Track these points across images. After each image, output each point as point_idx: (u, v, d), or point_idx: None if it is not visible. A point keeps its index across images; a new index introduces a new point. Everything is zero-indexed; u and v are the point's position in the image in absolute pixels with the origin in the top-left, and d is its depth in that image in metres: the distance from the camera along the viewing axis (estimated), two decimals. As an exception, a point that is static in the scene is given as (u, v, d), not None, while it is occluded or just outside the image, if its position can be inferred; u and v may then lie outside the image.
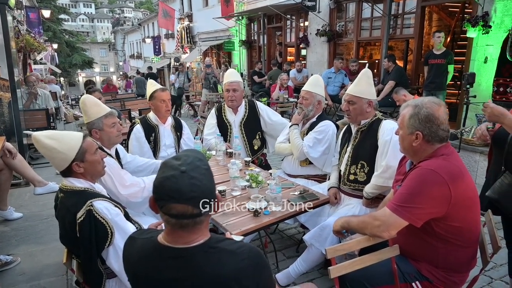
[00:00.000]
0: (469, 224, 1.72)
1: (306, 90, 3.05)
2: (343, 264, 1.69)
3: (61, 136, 1.79)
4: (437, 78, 5.87)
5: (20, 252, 3.08)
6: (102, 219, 1.69)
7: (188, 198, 1.10)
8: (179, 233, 1.16)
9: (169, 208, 1.11)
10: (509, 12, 4.98)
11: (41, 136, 1.75)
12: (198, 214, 1.13)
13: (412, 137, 1.74)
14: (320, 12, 9.21)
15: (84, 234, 1.67)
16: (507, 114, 1.85)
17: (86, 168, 1.82)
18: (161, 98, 3.20)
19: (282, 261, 2.96)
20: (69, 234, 1.72)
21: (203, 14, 17.11)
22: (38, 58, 13.50)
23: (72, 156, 1.77)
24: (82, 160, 1.80)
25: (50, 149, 1.75)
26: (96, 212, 1.68)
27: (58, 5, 30.55)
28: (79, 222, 1.66)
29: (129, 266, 1.28)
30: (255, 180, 2.44)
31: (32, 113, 6.00)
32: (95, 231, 1.68)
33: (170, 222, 1.14)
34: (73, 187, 1.79)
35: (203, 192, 1.13)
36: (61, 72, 26.77)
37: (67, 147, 1.76)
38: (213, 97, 9.69)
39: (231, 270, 1.13)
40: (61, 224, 1.79)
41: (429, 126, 1.70)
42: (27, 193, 4.37)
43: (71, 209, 1.70)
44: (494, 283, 2.70)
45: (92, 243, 1.68)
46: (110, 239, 1.70)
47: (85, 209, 1.67)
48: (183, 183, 1.09)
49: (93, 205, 1.69)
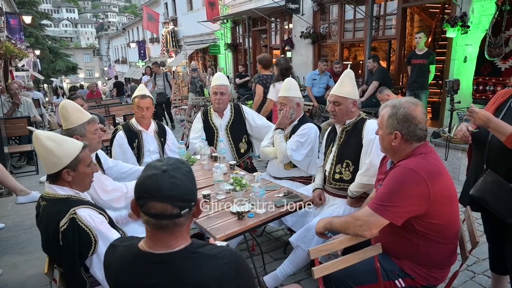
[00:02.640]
0: (449, 221, 1.76)
1: (283, 96, 3.07)
2: (326, 264, 1.71)
3: (62, 140, 1.78)
4: (420, 78, 5.98)
5: (2, 263, 3.02)
6: (85, 227, 1.67)
7: (167, 196, 1.10)
8: (159, 236, 1.16)
9: (149, 207, 1.11)
10: (486, 12, 5.11)
11: (43, 135, 1.74)
12: (178, 214, 1.13)
13: (391, 137, 1.78)
14: (304, 14, 9.29)
15: (67, 242, 1.65)
16: (492, 118, 1.89)
17: (75, 178, 1.79)
18: (137, 105, 3.23)
19: (270, 263, 2.97)
20: (52, 242, 1.70)
21: (188, 18, 17.08)
22: (19, 65, 13.26)
23: (65, 162, 1.75)
24: (74, 170, 1.78)
25: (46, 150, 1.73)
26: (79, 220, 1.66)
27: (40, 11, 30.11)
28: (62, 230, 1.65)
29: (110, 273, 1.27)
30: (239, 184, 2.45)
31: (13, 121, 5.88)
32: (79, 239, 1.66)
33: (150, 223, 1.14)
34: (56, 194, 1.76)
35: (183, 192, 1.13)
36: (44, 79, 26.33)
37: (63, 153, 1.75)
38: (199, 101, 9.67)
39: (212, 274, 1.13)
40: (44, 233, 1.76)
41: (407, 125, 1.74)
42: (9, 203, 4.29)
43: (54, 217, 1.68)
44: (477, 277, 2.76)
45: (75, 252, 1.66)
46: (93, 247, 1.68)
47: (68, 217, 1.66)
48: (163, 181, 1.11)
49: (76, 213, 1.67)
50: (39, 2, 35.58)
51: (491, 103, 2.16)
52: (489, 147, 2.01)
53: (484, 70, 5.05)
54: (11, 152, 5.43)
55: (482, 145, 2.06)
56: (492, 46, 4.79)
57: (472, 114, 1.93)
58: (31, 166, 5.89)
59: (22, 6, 23.36)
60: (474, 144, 2.15)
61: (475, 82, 5.16)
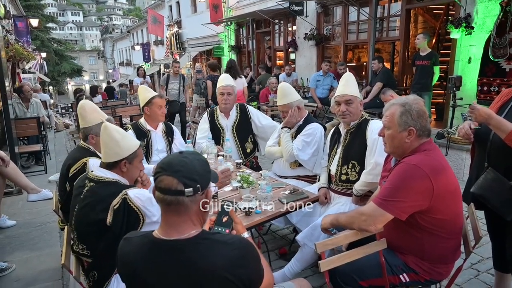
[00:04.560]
0: (452, 216, 1.80)
1: (282, 105, 3.13)
2: (332, 258, 1.75)
3: (126, 135, 1.99)
4: (423, 79, 5.97)
5: (15, 258, 3.08)
6: (135, 207, 1.82)
7: (174, 170, 1.21)
8: (169, 219, 1.24)
9: (159, 180, 1.22)
10: (490, 13, 5.13)
11: (112, 126, 1.93)
12: (181, 191, 1.20)
13: (405, 134, 1.81)
14: (308, 16, 9.34)
15: (117, 220, 1.77)
16: (494, 115, 1.92)
17: (129, 169, 1.96)
18: (159, 104, 3.30)
19: (275, 261, 3.02)
20: (94, 221, 1.80)
21: (192, 20, 17.17)
22: (26, 67, 13.41)
23: (126, 154, 1.92)
24: (130, 162, 1.95)
25: (112, 140, 1.90)
26: (130, 200, 1.81)
27: (46, 14, 30.38)
28: (115, 208, 1.77)
29: (126, 265, 1.31)
30: (246, 181, 2.50)
31: (23, 122, 5.98)
32: (128, 217, 1.80)
33: (158, 198, 1.24)
34: (105, 178, 1.90)
35: (190, 170, 1.23)
36: (50, 81, 26.56)
37: (126, 146, 1.93)
38: (204, 102, 9.73)
39: (223, 260, 1.19)
40: (88, 211, 1.85)
41: (420, 121, 1.80)
42: (19, 202, 4.36)
43: (105, 198, 1.81)
44: (481, 275, 2.79)
45: (122, 229, 1.77)
46: (141, 224, 1.84)
47: (121, 197, 1.80)
48: (175, 158, 1.26)
49: (128, 194, 1.82)
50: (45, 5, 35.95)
51: (495, 102, 2.19)
52: (491, 145, 2.04)
53: (489, 71, 5.07)
54: (20, 152, 5.51)
55: (484, 143, 2.09)
56: (496, 47, 4.81)
57: (473, 111, 1.97)
58: (40, 166, 5.97)
59: (29, 9, 23.57)
60: (476, 142, 2.18)
61: (480, 83, 5.18)
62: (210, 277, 1.17)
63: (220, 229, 1.36)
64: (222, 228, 1.37)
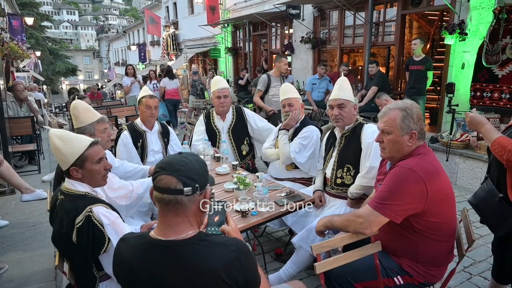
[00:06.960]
0: (446, 219, 1.82)
1: (288, 97, 3.15)
2: (328, 260, 1.77)
3: (70, 138, 1.83)
4: (417, 84, 6.05)
5: (7, 259, 3.05)
6: (99, 225, 1.72)
7: (174, 169, 1.23)
8: (166, 219, 1.24)
9: (158, 179, 1.23)
10: (483, 20, 5.20)
11: (54, 134, 1.82)
12: (180, 190, 1.21)
13: (406, 138, 1.82)
14: (304, 20, 9.39)
15: (81, 239, 1.69)
16: (485, 123, 1.93)
17: (84, 175, 1.84)
18: (146, 104, 3.29)
19: (270, 263, 3.03)
20: (64, 237, 1.74)
21: (189, 21, 17.18)
22: (21, 66, 13.30)
23: (71, 161, 1.80)
24: (81, 167, 1.82)
25: (55, 148, 1.81)
26: (94, 217, 1.71)
27: (41, 12, 30.15)
28: (78, 227, 1.69)
29: (123, 265, 1.31)
30: (242, 183, 2.51)
31: (17, 121, 5.93)
32: (93, 237, 1.70)
33: (157, 198, 1.24)
34: (74, 190, 1.81)
35: (189, 169, 1.24)
36: (44, 80, 26.37)
37: (69, 151, 1.80)
38: (199, 104, 9.74)
39: (220, 261, 1.19)
40: (57, 226, 1.79)
41: (420, 124, 1.84)
42: (12, 201, 4.32)
43: (70, 213, 1.72)
44: (473, 278, 2.82)
45: (88, 249, 1.70)
46: (106, 246, 1.73)
47: (84, 215, 1.70)
48: (175, 158, 1.28)
49: (92, 211, 1.72)
50: (40, 3, 35.71)
51: None
52: (491, 154, 2.03)
53: (482, 77, 5.14)
54: (13, 152, 5.46)
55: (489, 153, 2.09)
56: (489, 53, 4.88)
57: (466, 118, 2.01)
58: (33, 165, 5.93)
59: (24, 7, 23.41)
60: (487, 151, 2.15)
61: (473, 88, 5.24)
62: (206, 278, 1.18)
63: (213, 230, 1.36)
64: (215, 228, 1.36)
